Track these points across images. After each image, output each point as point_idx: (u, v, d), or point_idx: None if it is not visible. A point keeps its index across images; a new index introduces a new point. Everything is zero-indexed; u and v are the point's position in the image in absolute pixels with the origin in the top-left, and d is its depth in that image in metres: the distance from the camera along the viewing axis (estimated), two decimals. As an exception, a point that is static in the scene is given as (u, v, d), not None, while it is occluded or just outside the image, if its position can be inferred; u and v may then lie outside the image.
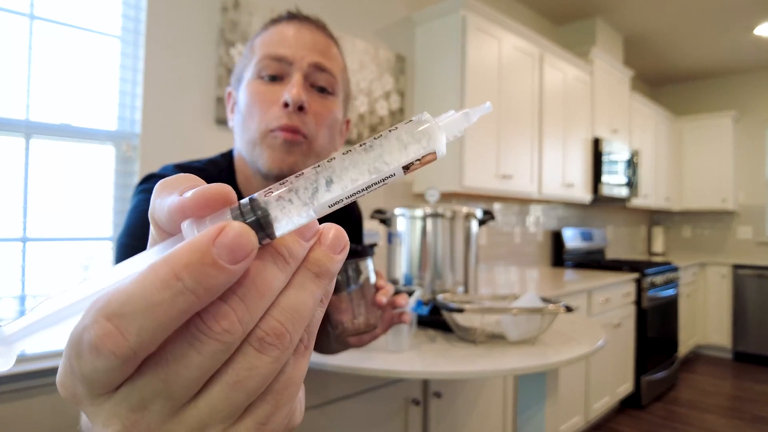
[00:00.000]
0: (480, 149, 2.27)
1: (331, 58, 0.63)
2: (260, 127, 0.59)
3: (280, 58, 0.59)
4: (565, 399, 2.34)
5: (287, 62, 0.59)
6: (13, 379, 1.18)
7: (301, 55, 0.59)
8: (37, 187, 1.29)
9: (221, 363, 0.18)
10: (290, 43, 0.60)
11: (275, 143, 0.59)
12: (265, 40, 0.62)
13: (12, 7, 1.25)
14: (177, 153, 1.53)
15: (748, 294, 4.01)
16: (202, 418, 0.18)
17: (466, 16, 2.20)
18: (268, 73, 0.59)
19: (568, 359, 1.09)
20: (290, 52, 0.59)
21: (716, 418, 2.88)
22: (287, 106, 0.58)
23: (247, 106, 0.60)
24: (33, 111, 1.28)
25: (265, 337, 0.18)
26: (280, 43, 0.60)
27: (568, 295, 2.29)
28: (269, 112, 0.59)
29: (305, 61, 0.60)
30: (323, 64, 0.61)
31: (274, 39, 0.61)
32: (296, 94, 0.57)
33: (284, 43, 0.60)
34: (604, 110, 3.32)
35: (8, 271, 1.24)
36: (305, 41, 0.61)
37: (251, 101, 0.60)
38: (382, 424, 1.36)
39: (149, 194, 0.60)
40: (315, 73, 0.61)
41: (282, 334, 0.18)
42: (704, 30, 3.57)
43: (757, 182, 4.46)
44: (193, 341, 0.17)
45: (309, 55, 0.60)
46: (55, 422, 1.23)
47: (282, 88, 0.59)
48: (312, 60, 0.60)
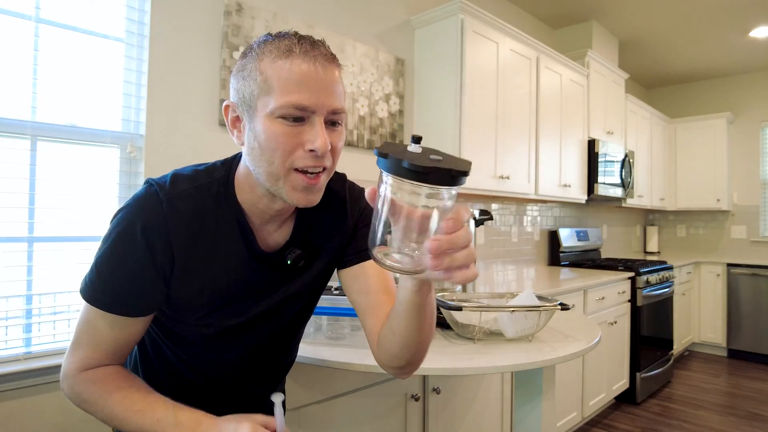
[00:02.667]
0: (478, 150, 2.30)
1: (340, 92, 0.66)
2: (285, 165, 0.63)
3: (304, 108, 0.62)
4: (562, 395, 2.38)
5: (310, 111, 0.63)
6: (21, 376, 1.20)
7: (321, 104, 0.63)
8: (43, 187, 1.31)
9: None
10: (310, 87, 0.62)
11: (298, 185, 0.64)
12: (282, 77, 0.62)
13: (18, 10, 1.27)
14: (181, 154, 1.56)
15: (741, 292, 4.05)
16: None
17: (464, 19, 2.23)
18: (292, 116, 0.62)
19: (564, 356, 1.12)
20: (312, 102, 0.62)
21: (710, 414, 2.92)
22: (314, 151, 0.62)
23: (269, 143, 0.63)
24: (39, 113, 1.30)
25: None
26: (300, 88, 0.62)
27: (564, 293, 2.33)
28: (295, 153, 0.63)
29: (325, 108, 0.63)
30: (338, 108, 0.65)
31: (292, 81, 0.62)
32: (323, 144, 0.62)
33: (304, 88, 0.62)
34: (600, 112, 3.36)
35: (15, 271, 1.27)
36: (323, 85, 0.63)
37: (275, 141, 0.62)
38: (383, 419, 1.38)
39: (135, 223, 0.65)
40: (331, 115, 0.65)
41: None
42: (699, 33, 3.62)
43: (750, 183, 4.51)
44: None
45: (328, 102, 0.63)
46: (62, 419, 1.26)
47: (304, 129, 0.63)
48: (331, 108, 0.64)
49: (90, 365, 0.68)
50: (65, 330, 1.34)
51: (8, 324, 1.26)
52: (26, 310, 1.28)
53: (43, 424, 1.23)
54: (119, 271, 0.65)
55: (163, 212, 0.66)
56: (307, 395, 1.22)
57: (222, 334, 0.75)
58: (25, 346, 1.26)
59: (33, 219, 1.29)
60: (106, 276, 0.65)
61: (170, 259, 0.67)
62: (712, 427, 2.73)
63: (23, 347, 1.26)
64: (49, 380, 1.24)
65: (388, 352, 0.71)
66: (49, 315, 1.33)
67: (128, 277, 0.65)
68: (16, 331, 1.26)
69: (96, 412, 0.67)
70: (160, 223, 0.65)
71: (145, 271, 0.66)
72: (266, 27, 1.77)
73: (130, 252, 0.65)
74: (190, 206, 0.68)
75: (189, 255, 0.68)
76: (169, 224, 0.66)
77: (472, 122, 2.26)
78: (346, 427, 1.30)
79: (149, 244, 0.65)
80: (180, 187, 0.68)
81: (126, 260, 0.65)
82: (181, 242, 0.67)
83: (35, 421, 1.22)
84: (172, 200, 0.67)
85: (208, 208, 0.69)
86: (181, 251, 0.67)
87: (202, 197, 0.69)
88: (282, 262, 0.75)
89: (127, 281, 0.65)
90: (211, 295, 0.71)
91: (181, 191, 0.68)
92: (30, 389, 1.21)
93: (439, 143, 2.30)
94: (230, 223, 0.70)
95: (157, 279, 0.67)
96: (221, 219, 0.70)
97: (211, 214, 0.69)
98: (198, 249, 0.68)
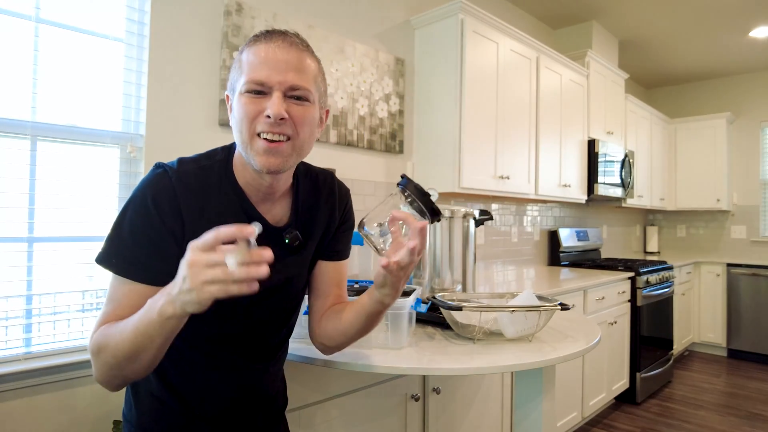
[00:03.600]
0: (478, 151, 2.30)
1: (304, 71, 0.75)
2: (250, 131, 0.73)
3: (261, 83, 0.72)
4: (562, 395, 2.38)
5: (268, 86, 0.72)
6: (21, 376, 1.20)
7: (278, 80, 0.72)
8: (43, 187, 1.31)
9: None
10: (269, 65, 0.72)
11: (260, 148, 0.73)
12: (250, 59, 0.73)
13: (18, 10, 1.27)
14: (181, 154, 1.54)
15: (741, 292, 4.06)
16: None
17: (464, 19, 2.23)
18: (254, 90, 0.72)
19: (564, 356, 1.12)
20: (268, 77, 0.72)
21: (710, 414, 2.92)
22: (269, 117, 0.71)
23: (238, 113, 0.73)
24: (39, 113, 1.30)
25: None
26: (261, 66, 0.72)
27: (564, 293, 2.33)
28: (256, 120, 0.72)
29: (283, 85, 0.72)
30: (296, 84, 0.73)
31: (255, 62, 0.73)
32: (276, 109, 0.71)
33: (264, 66, 0.72)
34: (600, 112, 3.36)
35: (15, 271, 1.27)
36: (281, 64, 0.72)
37: (242, 111, 0.73)
38: (383, 419, 1.39)
39: (149, 193, 0.72)
40: (291, 91, 0.73)
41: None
42: (699, 33, 3.62)
43: (750, 183, 4.51)
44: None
45: (285, 79, 0.72)
46: (62, 419, 1.26)
47: (266, 100, 0.72)
48: (287, 83, 0.73)
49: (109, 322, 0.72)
50: (65, 330, 1.34)
51: (8, 324, 1.26)
52: (26, 310, 1.28)
53: (43, 424, 1.23)
54: (135, 237, 0.71)
55: (173, 185, 0.73)
56: (307, 395, 1.22)
57: (224, 309, 0.77)
58: (25, 346, 1.26)
59: (33, 219, 1.29)
60: (126, 241, 0.71)
61: (180, 224, 0.73)
62: (712, 427, 2.73)
63: (23, 347, 1.26)
64: (50, 380, 1.24)
65: (328, 334, 0.89)
66: (49, 315, 1.33)
67: (143, 241, 0.71)
68: (16, 331, 1.26)
69: (113, 357, 0.67)
70: (170, 194, 0.73)
71: (159, 234, 0.71)
72: (266, 27, 1.77)
73: (144, 219, 0.71)
74: (196, 183, 0.76)
75: (197, 225, 0.73)
76: (179, 195, 0.73)
77: (472, 122, 2.26)
78: (346, 427, 1.30)
79: (160, 211, 0.71)
80: (186, 167, 0.77)
81: (140, 226, 0.71)
82: (189, 211, 0.74)
83: (35, 421, 1.22)
84: (180, 176, 0.75)
85: (212, 184, 0.77)
86: (190, 219, 0.74)
87: (206, 175, 0.77)
88: (279, 240, 0.82)
89: (143, 245, 0.71)
90: None
91: (188, 170, 0.76)
92: (30, 389, 1.21)
93: (439, 143, 2.30)
94: (231, 199, 0.78)
95: (169, 241, 0.72)
96: (223, 195, 0.78)
97: (215, 189, 0.77)
98: (204, 220, 0.74)
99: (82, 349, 1.32)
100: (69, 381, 1.27)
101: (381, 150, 2.23)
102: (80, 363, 1.28)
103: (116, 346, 0.66)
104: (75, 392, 1.28)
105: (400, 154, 2.34)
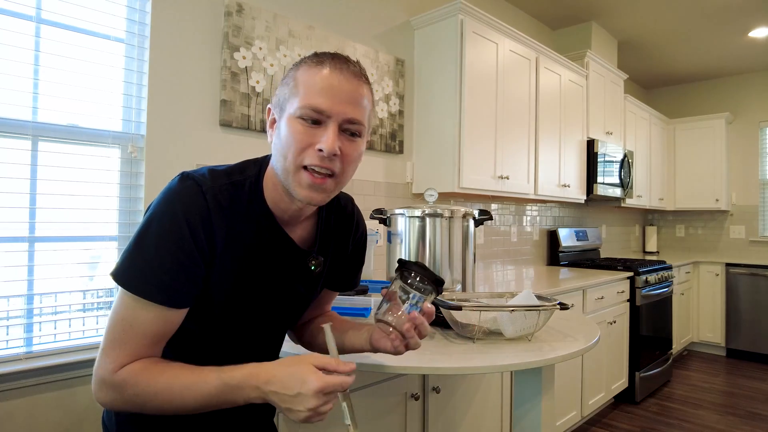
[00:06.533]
0: (478, 151, 2.31)
1: (363, 106, 0.72)
2: (296, 162, 0.70)
3: (321, 111, 0.68)
4: (561, 394, 2.38)
5: (326, 115, 0.69)
6: (22, 375, 1.20)
7: (338, 111, 0.69)
8: (44, 187, 1.32)
9: None
10: (330, 94, 0.69)
11: (304, 181, 0.70)
12: (309, 82, 0.70)
13: (19, 11, 1.27)
14: (181, 154, 1.56)
15: (740, 292, 4.06)
16: None
17: (464, 20, 2.23)
18: (309, 118, 0.69)
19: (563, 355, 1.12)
20: (329, 106, 0.68)
21: (709, 413, 2.93)
22: (321, 151, 0.68)
23: (286, 139, 0.70)
24: (40, 113, 1.31)
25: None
26: (322, 93, 0.69)
27: (563, 293, 2.34)
28: (306, 151, 0.69)
29: (341, 116, 0.69)
30: (355, 118, 0.71)
31: (317, 87, 0.69)
32: (331, 145, 0.68)
33: (325, 94, 0.69)
34: (599, 112, 3.37)
35: (16, 271, 1.27)
36: (343, 94, 0.69)
37: (291, 138, 0.69)
38: (383, 418, 1.39)
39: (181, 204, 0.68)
40: (347, 124, 0.71)
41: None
42: (698, 33, 3.63)
43: (749, 183, 4.52)
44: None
45: (345, 110, 0.69)
46: (61, 418, 1.26)
47: (319, 131, 0.69)
48: (347, 116, 0.70)
49: (127, 363, 0.66)
50: (66, 330, 1.35)
51: (9, 324, 1.26)
52: (27, 309, 1.28)
53: (44, 423, 1.23)
54: (162, 257, 0.65)
55: (206, 203, 0.69)
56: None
57: (239, 320, 0.79)
58: (26, 346, 1.27)
59: (34, 219, 1.29)
60: (152, 264, 0.65)
61: (212, 247, 0.70)
62: (711, 427, 2.74)
63: (24, 347, 1.26)
64: (50, 380, 1.24)
65: (308, 341, 0.96)
66: (50, 315, 1.33)
67: (172, 263, 0.66)
68: (17, 331, 1.27)
69: (146, 404, 0.65)
70: (204, 213, 0.69)
71: (191, 257, 0.67)
72: (266, 28, 1.78)
73: (174, 238, 0.66)
74: (227, 199, 0.72)
75: (227, 243, 0.72)
76: (213, 215, 0.70)
77: (471, 122, 2.27)
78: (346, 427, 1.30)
79: (193, 231, 0.67)
80: (219, 181, 0.73)
81: (169, 245, 0.66)
82: (221, 234, 0.71)
83: (35, 420, 1.22)
84: (213, 192, 0.71)
85: (242, 202, 0.74)
86: (222, 243, 0.71)
87: (237, 192, 0.74)
88: (303, 262, 0.83)
89: (173, 267, 0.66)
90: (236, 281, 0.75)
91: (221, 185, 0.72)
92: (31, 389, 1.22)
93: (439, 143, 2.30)
94: (259, 218, 0.76)
95: (200, 264, 0.69)
96: (253, 213, 0.75)
97: (244, 207, 0.74)
98: (233, 238, 0.72)
99: (83, 348, 1.32)
100: (70, 380, 1.28)
101: (381, 150, 2.23)
102: (81, 362, 1.29)
103: (162, 399, 0.64)
104: (76, 392, 1.29)
105: (400, 154, 2.34)
